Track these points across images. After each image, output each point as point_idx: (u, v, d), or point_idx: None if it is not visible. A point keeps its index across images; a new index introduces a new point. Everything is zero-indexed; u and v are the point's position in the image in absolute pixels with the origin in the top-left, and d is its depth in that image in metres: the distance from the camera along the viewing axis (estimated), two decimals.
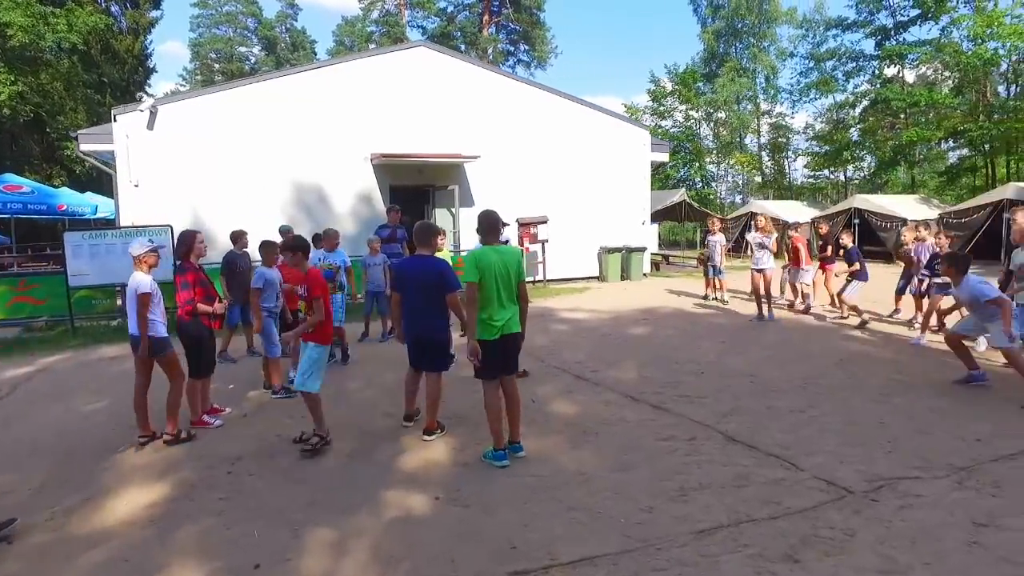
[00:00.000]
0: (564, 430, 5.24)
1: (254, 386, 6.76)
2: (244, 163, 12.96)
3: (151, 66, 30.31)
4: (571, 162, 15.93)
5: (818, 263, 11.33)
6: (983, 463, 4.34)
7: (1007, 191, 19.23)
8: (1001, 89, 25.87)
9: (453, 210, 14.60)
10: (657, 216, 20.42)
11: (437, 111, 14.62)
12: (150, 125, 12.21)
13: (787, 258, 11.48)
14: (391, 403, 6.02)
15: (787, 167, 36.67)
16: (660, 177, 38.33)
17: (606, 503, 3.90)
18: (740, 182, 40.23)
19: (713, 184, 38.94)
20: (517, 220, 14.71)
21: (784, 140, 35.81)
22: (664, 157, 18.65)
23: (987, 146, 24.75)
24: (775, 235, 11.35)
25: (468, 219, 15.05)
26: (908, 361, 7.28)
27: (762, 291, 10.08)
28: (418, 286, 5.04)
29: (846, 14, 28.85)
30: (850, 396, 5.93)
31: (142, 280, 4.96)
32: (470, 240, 14.78)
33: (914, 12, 26.25)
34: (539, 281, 15.03)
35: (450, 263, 5.69)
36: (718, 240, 12.29)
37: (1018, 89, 24.66)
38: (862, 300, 9.58)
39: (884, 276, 12.53)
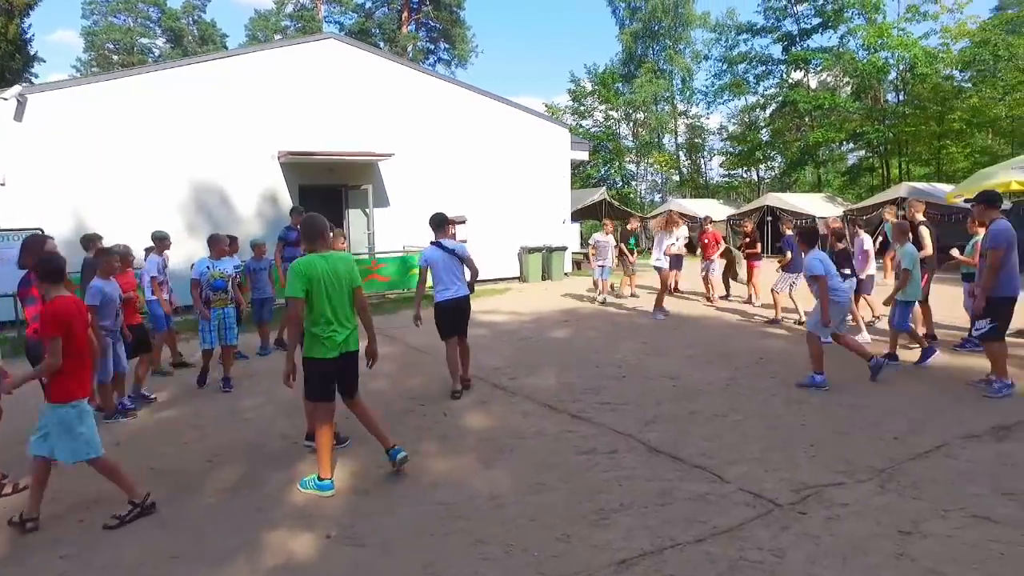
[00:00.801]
0: (478, 447, 4.82)
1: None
2: (135, 161, 11.80)
3: (32, 53, 27.57)
4: (490, 161, 15.57)
5: (745, 261, 11.49)
6: (902, 463, 4.25)
7: (900, 190, 20.44)
8: (891, 96, 27.66)
9: (368, 211, 13.90)
10: (579, 215, 20.41)
11: (349, 107, 13.90)
12: (18, 116, 10.87)
13: (699, 253, 11.73)
14: (290, 423, 5.43)
15: (703, 167, 37.88)
16: (581, 176, 38.70)
17: (521, 533, 3.50)
18: (660, 181, 41.24)
19: (633, 183, 39.74)
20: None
21: (700, 140, 36.95)
22: (584, 156, 18.62)
23: (882, 148, 26.38)
24: (683, 232, 11.20)
25: (384, 220, 14.41)
26: (825, 358, 7.31)
27: (668, 287, 10.33)
28: None
29: (756, 20, 30.10)
30: (770, 397, 5.83)
31: None
32: (385, 241, 14.16)
33: (816, 21, 27.65)
34: None
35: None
36: (608, 241, 12.24)
37: (905, 96, 26.40)
38: (795, 296, 9.55)
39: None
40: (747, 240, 11.44)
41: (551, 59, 74.97)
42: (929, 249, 7.38)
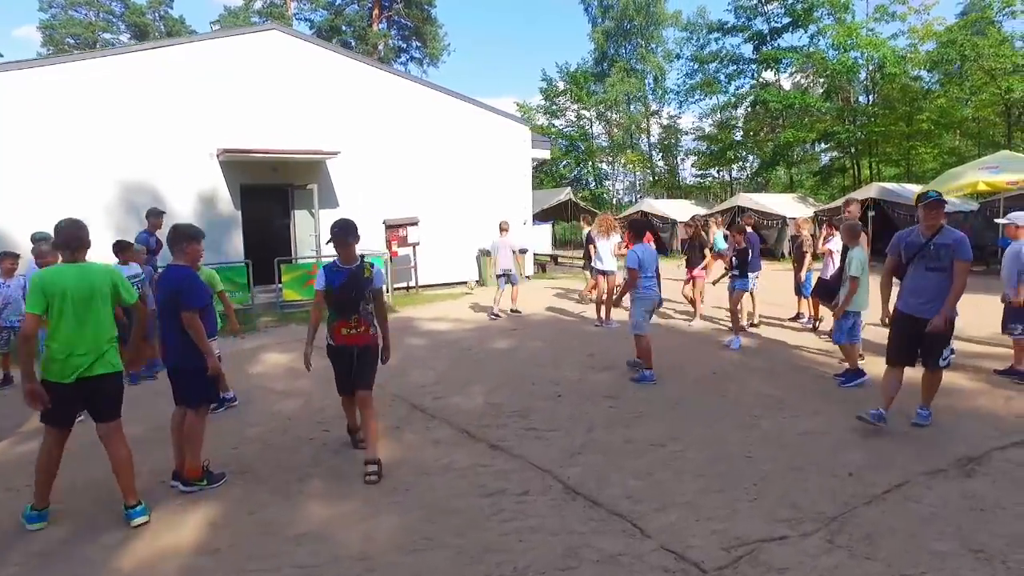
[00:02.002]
0: (370, 486, 4.10)
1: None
2: (55, 158, 10.89)
3: None
4: (447, 159, 14.85)
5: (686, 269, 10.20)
6: (856, 507, 3.63)
7: (871, 190, 20.15)
8: (862, 97, 27.48)
9: (314, 211, 13.09)
10: (545, 215, 19.77)
11: (295, 103, 13.08)
12: None
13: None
14: (155, 456, 4.64)
15: (677, 166, 37.50)
16: (554, 176, 38.20)
17: None
18: (635, 182, 40.85)
19: (607, 183, 39.29)
20: (384, 222, 13.42)
21: (673, 140, 36.56)
22: (546, 154, 17.97)
23: (853, 148, 26.14)
24: (617, 235, 9.99)
25: (332, 220, 13.59)
26: (782, 372, 6.73)
27: (605, 296, 9.66)
28: (159, 303, 4.16)
29: (727, 19, 29.73)
30: (718, 420, 5.19)
31: None
32: (332, 246, 13.34)
33: (786, 20, 27.34)
34: (411, 288, 13.84)
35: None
36: (506, 243, 10.67)
37: (875, 96, 26.20)
38: (748, 302, 9.04)
39: (771, 275, 12.31)
40: (687, 238, 9.82)
41: (525, 59, 74.29)
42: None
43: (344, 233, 4.37)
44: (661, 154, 37.24)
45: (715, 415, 5.31)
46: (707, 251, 9.55)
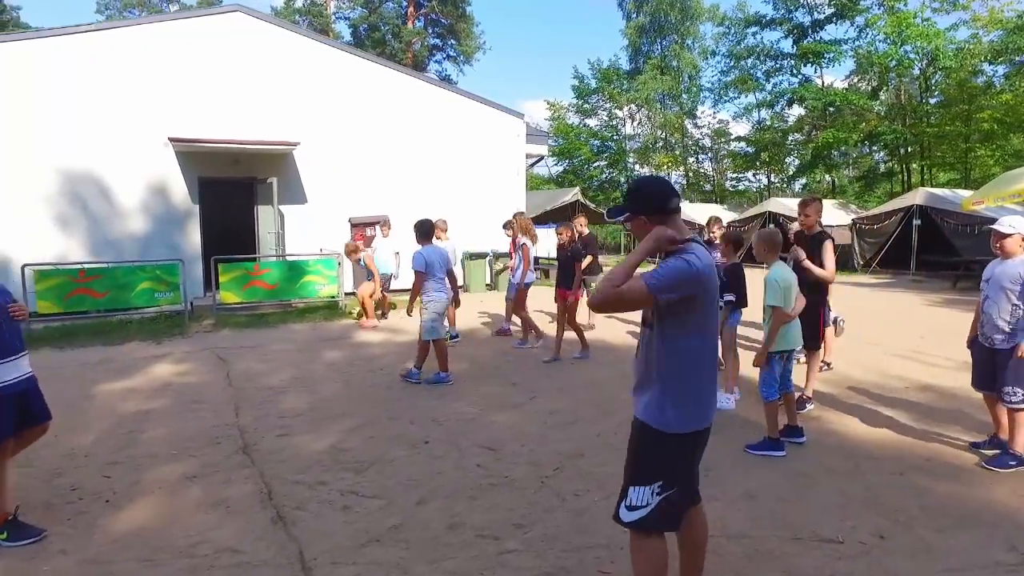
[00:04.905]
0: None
1: None
2: None
3: None
4: (429, 153, 13.72)
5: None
6: None
7: (916, 197, 18.07)
8: (916, 93, 25.02)
9: (273, 207, 12.10)
10: (549, 217, 18.40)
11: (260, 90, 12.19)
12: None
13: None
14: None
15: (711, 169, 35.46)
16: (584, 177, 36.70)
17: None
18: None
19: None
20: (349, 220, 12.36)
21: (707, 142, 34.58)
22: (542, 150, 16.58)
23: (902, 150, 23.78)
24: (527, 241, 8.26)
25: (300, 217, 12.66)
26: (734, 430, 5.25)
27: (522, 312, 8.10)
28: None
29: (764, 11, 27.75)
30: (608, 498, 3.81)
31: None
32: (300, 242, 12.39)
33: (830, 10, 25.17)
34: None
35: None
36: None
37: (928, 93, 23.76)
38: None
39: None
40: (563, 245, 7.62)
41: (559, 61, 72.85)
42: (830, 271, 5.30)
43: None
44: (695, 156, 35.27)
45: (611, 487, 3.92)
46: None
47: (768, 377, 4.41)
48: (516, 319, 8.65)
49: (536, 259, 7.65)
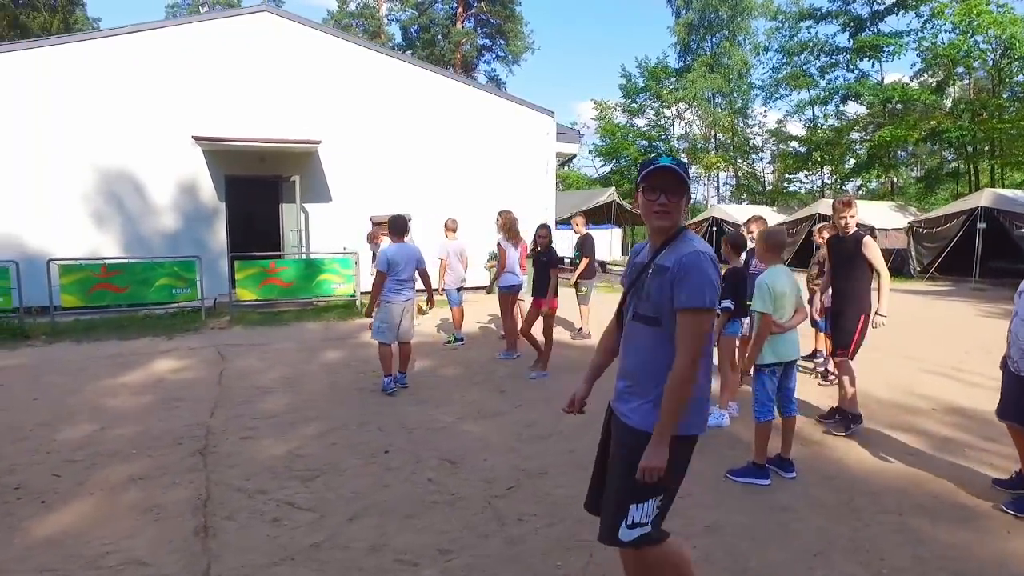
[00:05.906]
0: None
1: None
2: (30, 144, 10.73)
3: None
4: (455, 152, 13.54)
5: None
6: None
7: (982, 198, 16.81)
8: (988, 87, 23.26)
9: (296, 205, 12.16)
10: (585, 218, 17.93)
11: (287, 89, 12.27)
12: None
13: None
14: None
15: (761, 170, 34.15)
16: (630, 177, 35.94)
17: None
18: (718, 185, 37.78)
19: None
20: (371, 219, 12.29)
21: (757, 141, 33.30)
22: (574, 148, 16.14)
23: (969, 149, 22.18)
24: (501, 239, 7.82)
25: (324, 216, 12.70)
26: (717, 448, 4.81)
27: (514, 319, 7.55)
28: None
29: (819, 3, 26.44)
30: (570, 538, 3.47)
31: None
32: (324, 241, 12.43)
33: (891, 0, 23.72)
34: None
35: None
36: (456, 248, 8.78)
37: (1002, 87, 22.05)
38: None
39: None
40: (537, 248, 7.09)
41: (607, 61, 71.74)
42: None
43: None
44: (744, 156, 34.00)
45: (571, 511, 3.58)
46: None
47: (760, 394, 3.98)
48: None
49: (535, 260, 7.18)
